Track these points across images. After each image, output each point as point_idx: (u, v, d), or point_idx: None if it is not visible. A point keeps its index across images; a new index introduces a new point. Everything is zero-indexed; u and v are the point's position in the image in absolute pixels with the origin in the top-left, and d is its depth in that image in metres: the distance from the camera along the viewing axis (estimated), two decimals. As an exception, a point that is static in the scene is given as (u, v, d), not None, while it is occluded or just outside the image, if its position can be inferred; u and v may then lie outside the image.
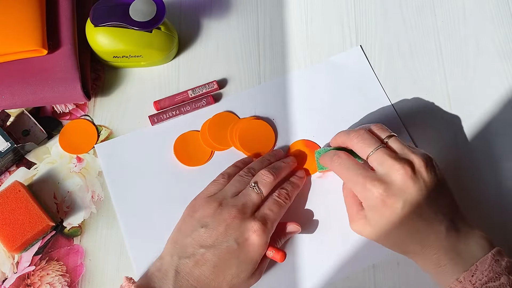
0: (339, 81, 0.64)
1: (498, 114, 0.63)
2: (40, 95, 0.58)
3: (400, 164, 0.50)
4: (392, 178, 0.50)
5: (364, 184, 0.50)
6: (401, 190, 0.49)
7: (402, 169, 0.49)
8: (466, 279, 0.48)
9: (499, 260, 0.48)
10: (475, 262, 0.48)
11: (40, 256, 0.56)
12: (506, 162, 0.61)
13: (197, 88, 0.63)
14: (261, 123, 0.61)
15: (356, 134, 0.53)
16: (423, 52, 0.66)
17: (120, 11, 0.58)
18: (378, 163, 0.51)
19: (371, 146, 0.52)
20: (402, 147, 0.52)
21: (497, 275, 0.47)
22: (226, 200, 0.53)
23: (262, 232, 0.51)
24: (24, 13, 0.57)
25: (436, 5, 0.68)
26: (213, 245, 0.50)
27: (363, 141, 0.52)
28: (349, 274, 0.56)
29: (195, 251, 0.50)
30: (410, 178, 0.49)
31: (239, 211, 0.51)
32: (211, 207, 0.52)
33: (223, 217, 0.51)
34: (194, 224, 0.52)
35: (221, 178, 0.56)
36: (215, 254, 0.50)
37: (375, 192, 0.50)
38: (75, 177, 0.59)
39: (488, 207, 0.59)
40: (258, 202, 0.53)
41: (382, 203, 0.50)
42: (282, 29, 0.67)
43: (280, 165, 0.57)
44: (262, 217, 0.52)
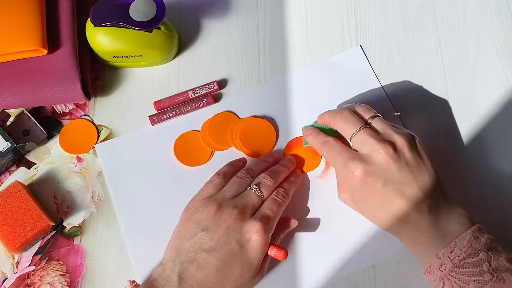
0: (339, 81, 0.64)
1: (498, 114, 0.63)
2: (40, 95, 0.58)
3: (381, 144, 0.50)
4: (373, 157, 0.51)
5: (345, 163, 0.51)
6: (381, 170, 0.50)
7: (382, 149, 0.50)
8: (445, 255, 0.48)
9: (478, 236, 0.49)
10: (454, 238, 0.49)
11: (40, 256, 0.56)
12: (506, 162, 0.61)
13: (197, 88, 0.63)
14: (262, 121, 0.61)
15: (340, 115, 0.54)
16: (423, 52, 0.66)
17: (120, 11, 0.58)
18: (360, 143, 0.52)
19: (354, 126, 0.53)
20: (385, 127, 0.53)
21: (476, 251, 0.48)
22: (225, 201, 0.52)
23: (263, 232, 0.51)
24: (24, 13, 0.57)
25: (436, 5, 0.68)
26: (214, 248, 0.50)
27: (346, 122, 0.53)
28: (349, 274, 0.56)
29: (197, 255, 0.50)
30: (390, 157, 0.50)
31: (240, 212, 0.51)
32: (210, 209, 0.52)
33: (223, 219, 0.51)
34: (193, 228, 0.51)
35: (216, 178, 0.56)
36: (217, 257, 0.49)
37: (355, 171, 0.51)
38: (75, 177, 0.59)
39: (488, 208, 0.59)
40: (258, 204, 0.53)
41: (363, 182, 0.51)
42: (282, 29, 0.67)
43: (279, 168, 0.57)
44: (263, 217, 0.52)
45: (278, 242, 0.54)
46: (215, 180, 0.56)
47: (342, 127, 0.54)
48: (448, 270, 0.48)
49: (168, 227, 0.54)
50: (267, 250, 0.52)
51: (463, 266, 0.48)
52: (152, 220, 0.57)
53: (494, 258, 0.47)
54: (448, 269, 0.48)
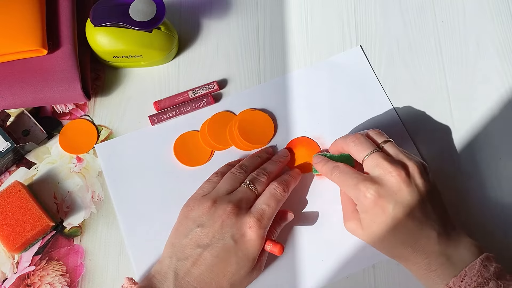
0: (339, 81, 0.64)
1: (498, 114, 0.63)
2: (40, 95, 0.58)
3: (394, 166, 0.50)
4: (385, 180, 0.50)
5: (356, 185, 0.51)
6: (393, 192, 0.50)
7: (395, 171, 0.50)
8: (455, 284, 0.48)
9: (487, 265, 0.48)
10: (464, 267, 0.48)
11: (40, 256, 0.56)
12: (506, 162, 0.61)
13: (197, 88, 0.63)
14: (260, 113, 0.61)
15: (353, 138, 0.54)
16: (423, 52, 0.66)
17: (120, 11, 0.58)
18: (373, 165, 0.52)
19: (366, 149, 0.53)
20: (398, 152, 0.53)
21: (486, 280, 0.47)
22: (220, 198, 0.53)
23: (258, 228, 0.51)
24: (24, 13, 0.57)
25: (436, 5, 0.68)
26: (210, 244, 0.50)
27: (359, 145, 0.53)
28: (349, 274, 0.56)
29: (193, 251, 0.50)
30: (403, 180, 0.50)
31: (234, 207, 0.51)
32: (205, 206, 0.52)
33: (218, 214, 0.51)
34: (189, 225, 0.52)
35: (214, 177, 0.56)
36: (212, 253, 0.50)
37: (367, 192, 0.50)
38: (75, 177, 0.59)
39: (489, 208, 0.59)
40: (253, 199, 0.54)
41: (373, 204, 0.50)
42: (282, 29, 0.67)
43: (272, 164, 0.57)
44: (258, 212, 0.52)
45: (274, 236, 0.54)
46: (212, 179, 0.56)
47: (354, 150, 0.53)
48: None
49: (168, 227, 0.54)
50: (263, 245, 0.52)
51: None
52: (152, 220, 0.57)
53: (504, 287, 0.47)
54: None
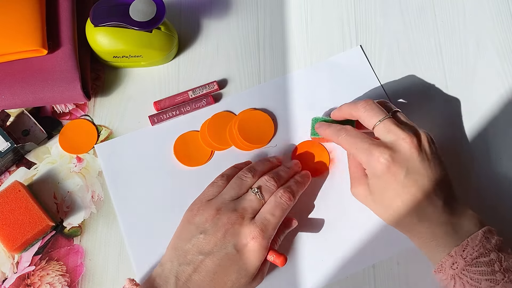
0: (339, 81, 0.64)
1: (498, 114, 0.63)
2: (40, 95, 0.58)
3: (407, 133, 0.51)
4: (398, 145, 0.51)
5: (370, 150, 0.51)
6: (405, 159, 0.50)
7: (408, 138, 0.50)
8: (457, 253, 0.49)
9: (489, 237, 0.49)
10: (466, 237, 0.49)
11: (40, 256, 0.56)
12: (506, 162, 0.61)
13: (197, 88, 0.63)
14: (260, 113, 0.61)
15: (364, 104, 0.54)
16: (423, 52, 0.66)
17: (120, 11, 0.58)
18: (385, 131, 0.52)
19: (379, 115, 0.52)
20: (408, 121, 0.53)
21: (487, 251, 0.48)
22: (225, 205, 0.52)
23: (261, 238, 0.50)
24: (24, 13, 0.57)
25: (436, 5, 0.68)
26: (212, 251, 0.50)
27: (371, 110, 0.53)
28: (349, 274, 0.56)
29: (194, 257, 0.50)
30: (415, 148, 0.50)
31: (239, 216, 0.51)
32: (209, 213, 0.51)
33: (222, 222, 0.50)
34: (193, 230, 0.51)
35: (219, 180, 0.55)
36: (214, 261, 0.49)
37: (381, 158, 0.50)
38: (75, 177, 0.59)
39: (489, 208, 0.59)
40: (258, 207, 0.52)
41: (387, 169, 0.50)
42: (282, 29, 0.67)
43: (284, 171, 0.56)
44: (262, 222, 0.51)
45: (277, 245, 0.53)
46: (218, 182, 0.55)
47: (365, 115, 0.53)
48: (460, 268, 0.48)
49: (168, 227, 0.54)
50: (266, 255, 0.51)
51: (475, 265, 0.48)
52: (152, 220, 0.57)
53: (505, 259, 0.48)
54: (460, 267, 0.48)
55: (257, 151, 0.61)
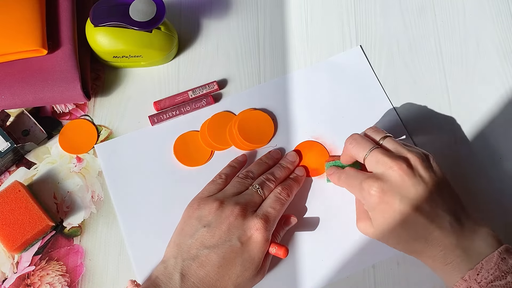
0: (339, 81, 0.64)
1: (498, 114, 0.63)
2: (40, 95, 0.58)
3: (394, 161, 0.50)
4: (388, 175, 0.50)
5: (361, 185, 0.51)
6: (396, 186, 0.49)
7: (396, 166, 0.50)
8: (471, 277, 0.47)
9: (506, 258, 0.47)
10: (481, 259, 0.47)
11: (40, 256, 0.56)
12: (506, 162, 0.61)
13: (197, 88, 0.63)
14: (260, 113, 0.61)
15: (350, 140, 0.54)
16: (423, 52, 0.66)
17: (120, 11, 0.58)
18: (373, 163, 0.51)
19: (365, 148, 0.52)
20: (397, 146, 0.52)
21: (503, 274, 0.46)
22: (227, 199, 0.53)
23: (264, 230, 0.51)
24: (24, 13, 0.57)
25: (436, 5, 0.68)
26: (216, 244, 0.50)
27: (357, 145, 0.53)
28: (349, 274, 0.56)
29: (199, 252, 0.50)
30: (405, 174, 0.49)
31: (242, 209, 0.52)
32: (212, 206, 0.52)
33: (225, 215, 0.51)
34: (195, 224, 0.52)
35: (218, 179, 0.56)
36: (218, 254, 0.50)
37: (371, 190, 0.50)
38: (75, 177, 0.59)
39: (489, 208, 0.59)
40: (259, 202, 0.54)
41: (379, 200, 0.50)
42: (282, 29, 0.67)
43: (281, 170, 0.57)
44: (264, 214, 0.52)
45: (278, 240, 0.54)
46: (217, 180, 0.56)
47: (354, 151, 0.53)
48: None
49: (168, 227, 0.54)
50: (268, 248, 0.52)
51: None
52: (152, 220, 0.57)
53: None
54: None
55: (257, 150, 0.61)
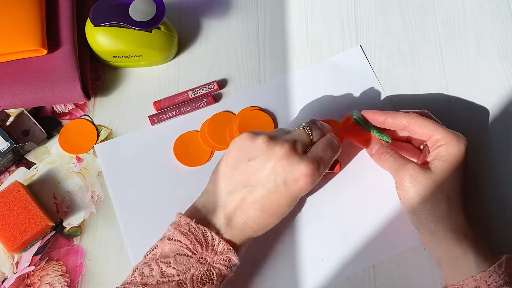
0: (339, 81, 0.64)
1: (498, 114, 0.63)
2: (40, 95, 0.58)
3: (454, 134, 0.52)
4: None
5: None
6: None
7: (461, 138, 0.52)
8: (482, 278, 0.47)
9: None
10: (494, 263, 0.48)
11: (40, 256, 0.56)
12: (506, 162, 0.61)
13: (197, 88, 0.63)
14: (260, 113, 0.61)
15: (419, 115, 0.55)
16: (423, 52, 0.66)
17: (120, 11, 0.58)
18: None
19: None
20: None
21: (510, 280, 0.47)
22: (275, 135, 0.50)
23: (313, 176, 0.48)
24: (24, 13, 0.57)
25: (436, 5, 0.68)
26: (260, 182, 0.48)
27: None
28: (349, 274, 0.56)
29: (243, 187, 0.48)
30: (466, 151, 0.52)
31: (291, 147, 0.48)
32: (260, 140, 0.49)
33: (273, 152, 0.48)
34: (242, 157, 0.49)
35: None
36: (262, 194, 0.48)
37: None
38: (75, 177, 0.59)
39: (489, 208, 0.59)
40: (308, 142, 0.51)
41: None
42: (282, 29, 0.67)
43: (326, 126, 0.54)
44: (315, 159, 0.49)
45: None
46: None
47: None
48: None
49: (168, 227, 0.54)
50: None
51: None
52: (152, 220, 0.57)
53: None
54: None
55: (257, 151, 0.61)
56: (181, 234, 0.47)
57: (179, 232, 0.47)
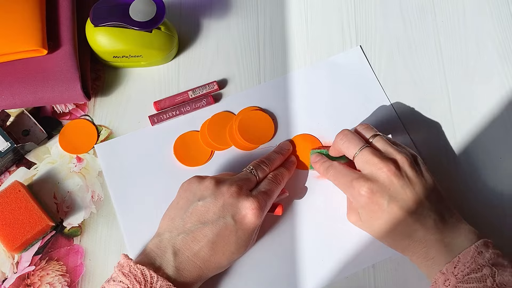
0: (339, 81, 0.64)
1: (498, 114, 0.63)
2: (40, 95, 0.58)
3: (384, 162, 0.51)
4: (377, 176, 0.51)
5: (351, 183, 0.52)
6: (385, 187, 0.51)
7: (385, 167, 0.51)
8: (448, 270, 0.48)
9: (482, 251, 0.49)
10: (458, 254, 0.49)
11: (40, 256, 0.56)
12: (506, 163, 0.61)
13: (197, 88, 0.63)
14: (260, 113, 0.62)
15: (340, 136, 0.55)
16: (423, 52, 0.66)
17: (120, 11, 0.58)
18: (363, 162, 0.52)
19: (356, 146, 0.53)
20: (386, 146, 0.53)
21: (479, 266, 0.48)
22: (223, 178, 0.53)
23: (259, 210, 0.51)
24: (24, 13, 0.57)
25: (436, 5, 0.68)
26: (210, 220, 0.50)
27: (347, 142, 0.54)
28: (349, 274, 0.56)
29: (193, 226, 0.50)
30: (393, 175, 0.51)
31: (238, 187, 0.52)
32: (208, 182, 0.53)
33: (221, 192, 0.51)
34: (190, 198, 0.52)
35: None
36: (212, 231, 0.50)
37: (361, 191, 0.51)
38: (75, 177, 0.59)
39: (489, 208, 0.59)
40: (254, 183, 0.54)
41: (368, 200, 0.51)
42: (282, 29, 0.67)
43: (275, 156, 0.58)
44: (260, 194, 0.53)
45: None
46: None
47: (344, 147, 0.54)
48: (452, 285, 0.48)
49: (168, 227, 0.54)
50: (260, 225, 0.53)
51: (467, 281, 0.47)
52: (152, 220, 0.57)
53: (498, 273, 0.47)
54: (452, 284, 0.48)
55: (257, 150, 0.61)
56: (123, 275, 0.48)
57: (122, 273, 0.48)
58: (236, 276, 0.55)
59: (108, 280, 0.49)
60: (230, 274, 0.55)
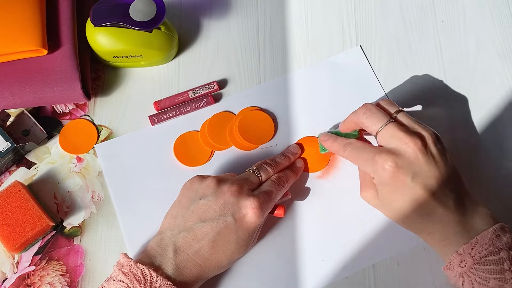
0: (339, 81, 0.64)
1: (498, 114, 0.63)
2: (40, 95, 0.58)
3: (410, 137, 0.50)
4: (402, 150, 0.50)
5: (374, 159, 0.51)
6: (411, 162, 0.50)
7: (412, 142, 0.50)
8: (465, 251, 0.48)
9: (500, 235, 0.49)
10: (476, 235, 0.49)
11: (40, 256, 0.56)
12: (507, 163, 0.61)
13: (197, 88, 0.63)
14: (260, 113, 0.62)
15: (364, 110, 0.53)
16: (423, 52, 0.66)
17: (120, 11, 0.58)
18: (388, 137, 0.51)
19: (381, 121, 0.52)
20: (411, 122, 0.52)
21: (497, 249, 0.48)
22: (225, 177, 0.53)
23: (260, 210, 0.51)
24: (24, 13, 0.57)
25: (436, 5, 0.68)
26: (211, 218, 0.50)
27: (372, 116, 0.52)
28: (349, 274, 0.56)
29: (194, 224, 0.50)
30: (420, 150, 0.50)
31: (239, 187, 0.52)
32: (210, 181, 0.53)
33: (222, 191, 0.51)
34: (192, 196, 0.52)
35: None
36: (213, 229, 0.50)
37: (385, 165, 0.50)
38: (75, 177, 0.59)
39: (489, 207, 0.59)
40: (256, 183, 0.54)
41: (393, 175, 0.50)
42: (282, 29, 0.67)
43: (281, 159, 0.57)
44: (262, 195, 0.52)
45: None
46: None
47: (368, 122, 0.53)
48: (468, 266, 0.48)
49: (168, 227, 0.54)
50: (261, 225, 0.53)
51: (484, 263, 0.48)
52: (152, 220, 0.57)
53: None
54: (468, 265, 0.48)
55: (257, 150, 0.61)
56: (123, 274, 0.48)
57: (121, 272, 0.48)
58: (237, 276, 0.55)
59: (108, 279, 0.49)
60: (231, 274, 0.55)
